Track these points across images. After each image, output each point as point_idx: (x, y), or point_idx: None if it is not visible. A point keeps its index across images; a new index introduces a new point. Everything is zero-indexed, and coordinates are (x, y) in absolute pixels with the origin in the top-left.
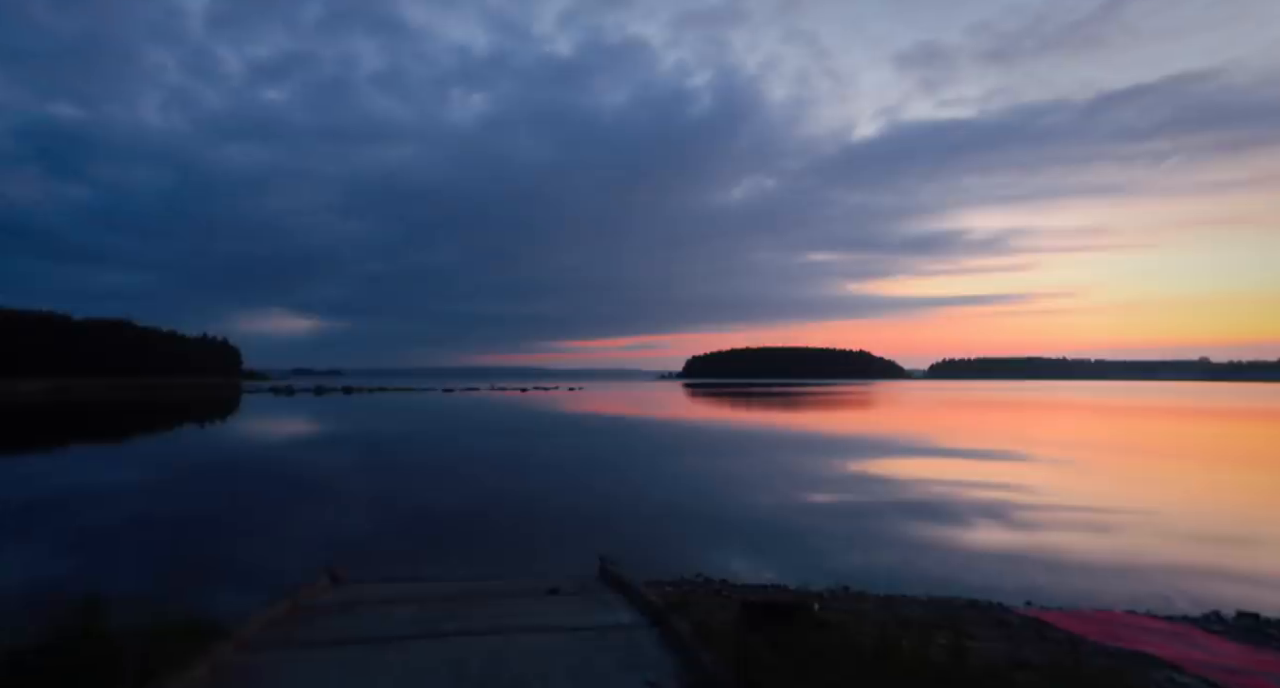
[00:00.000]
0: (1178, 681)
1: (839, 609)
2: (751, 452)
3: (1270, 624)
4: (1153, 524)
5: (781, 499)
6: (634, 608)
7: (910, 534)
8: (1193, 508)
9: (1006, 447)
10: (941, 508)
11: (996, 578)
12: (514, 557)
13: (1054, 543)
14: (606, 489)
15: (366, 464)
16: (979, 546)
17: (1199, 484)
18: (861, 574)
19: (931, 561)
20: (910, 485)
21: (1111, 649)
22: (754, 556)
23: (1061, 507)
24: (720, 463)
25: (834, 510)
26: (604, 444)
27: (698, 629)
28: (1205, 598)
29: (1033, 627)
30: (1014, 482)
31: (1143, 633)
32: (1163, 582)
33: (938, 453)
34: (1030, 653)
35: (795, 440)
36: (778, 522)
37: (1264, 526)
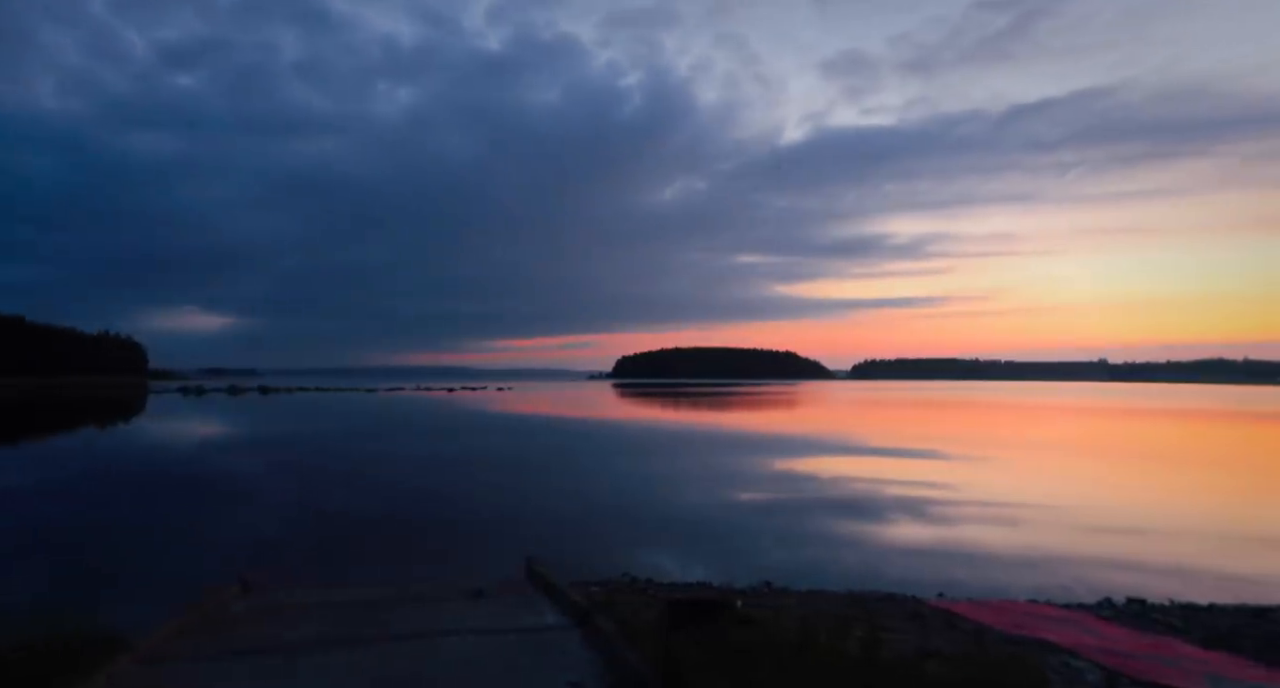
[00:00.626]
0: (1072, 665)
1: (762, 606)
2: (679, 452)
3: (1155, 609)
4: (1056, 518)
5: (708, 498)
6: (559, 609)
7: (832, 531)
8: (1091, 501)
9: (924, 445)
10: (862, 505)
11: (913, 572)
12: (438, 560)
13: (967, 537)
14: (534, 490)
15: (282, 467)
16: (897, 541)
17: (1096, 479)
18: (785, 571)
19: (852, 556)
20: (833, 483)
21: (1015, 637)
22: (680, 555)
23: (974, 502)
24: (648, 463)
25: (759, 509)
26: (531, 445)
27: (622, 629)
28: (1100, 586)
29: (944, 618)
30: (930, 479)
31: (1043, 621)
32: (1063, 572)
33: (859, 451)
34: (940, 643)
35: (722, 440)
36: (704, 521)
37: (1152, 516)
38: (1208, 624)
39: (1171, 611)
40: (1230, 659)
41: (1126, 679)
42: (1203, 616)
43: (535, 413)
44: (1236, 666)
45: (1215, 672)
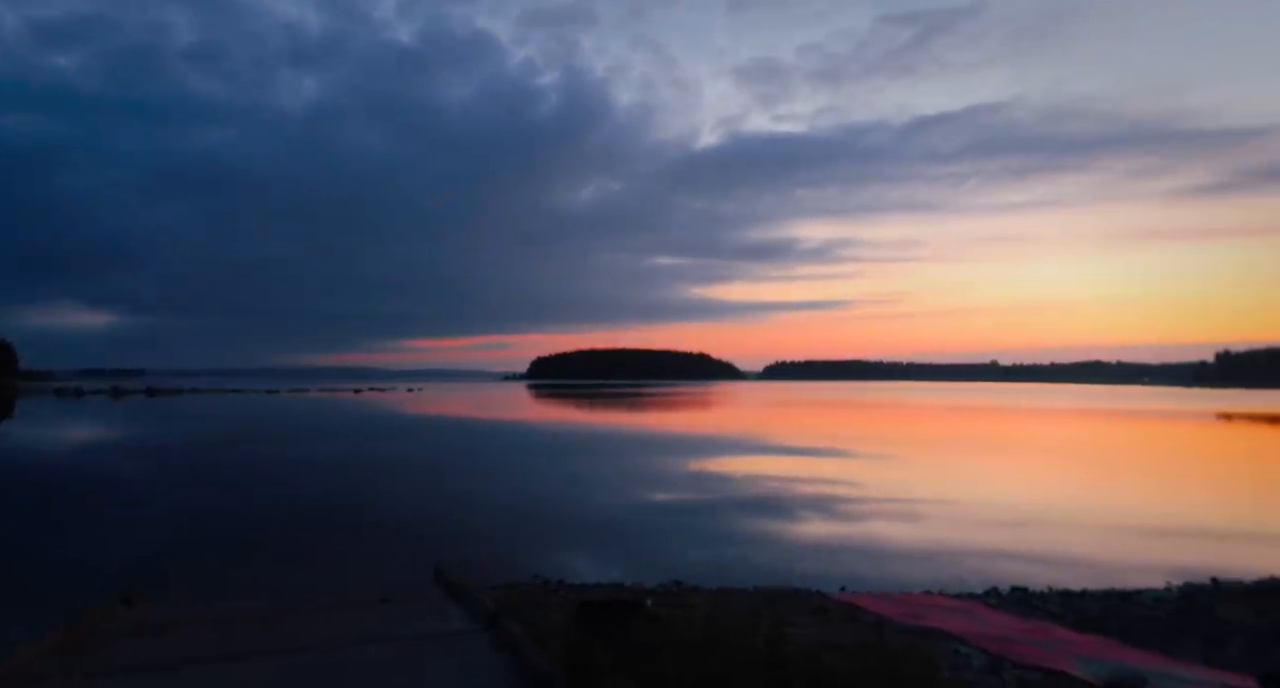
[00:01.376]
0: (961, 651)
1: (671, 605)
2: (592, 453)
3: (1036, 596)
4: (952, 512)
5: (620, 499)
6: (467, 613)
7: (743, 529)
8: (983, 496)
9: (830, 444)
10: (772, 503)
11: (819, 567)
12: (341, 568)
13: (870, 532)
14: (443, 493)
15: (170, 474)
16: (805, 537)
17: (987, 474)
18: (696, 570)
19: (761, 553)
20: (743, 483)
21: (911, 627)
22: (592, 555)
23: (877, 499)
24: (560, 464)
25: (671, 509)
26: (441, 447)
27: (531, 631)
28: (990, 576)
29: (846, 611)
30: (836, 477)
31: (937, 611)
32: (958, 563)
33: (769, 451)
34: (842, 635)
35: (635, 441)
36: (616, 521)
37: (1037, 509)
38: (1081, 609)
39: (1050, 597)
40: (1099, 641)
41: (1008, 663)
42: (1077, 601)
43: (446, 414)
44: (1104, 646)
45: (1085, 653)
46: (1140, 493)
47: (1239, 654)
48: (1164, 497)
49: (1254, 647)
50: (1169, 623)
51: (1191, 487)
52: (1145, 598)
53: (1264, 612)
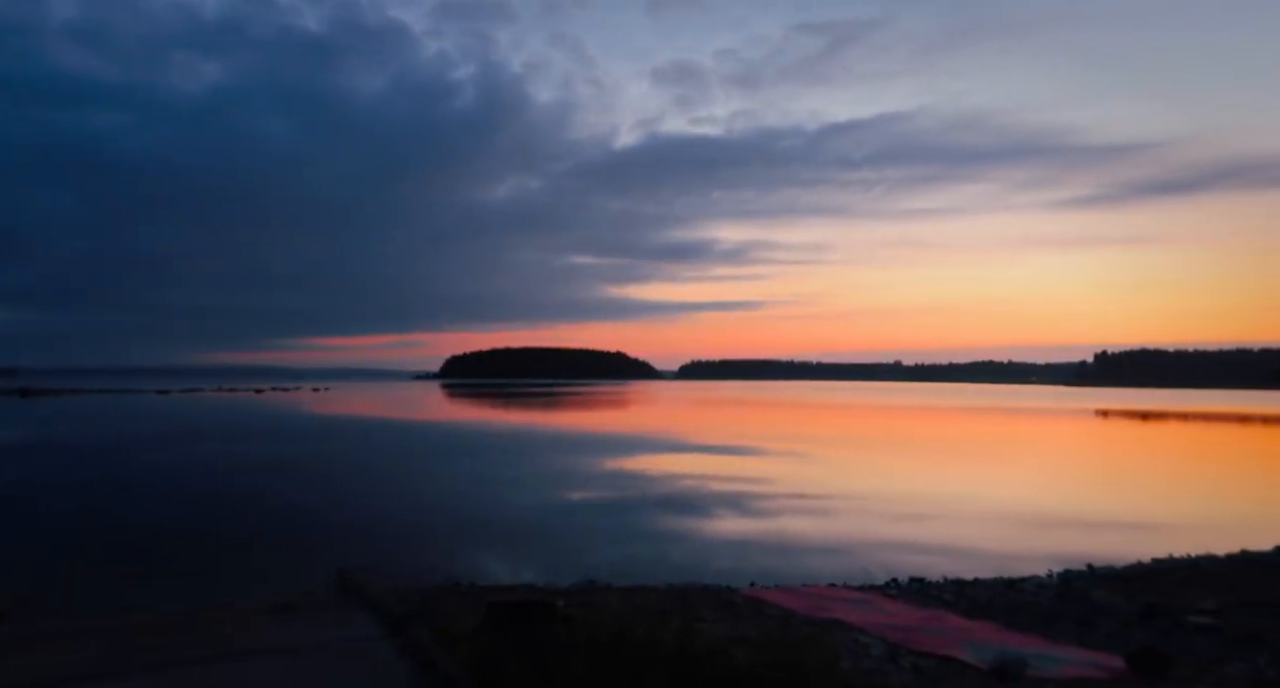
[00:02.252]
0: (861, 641)
1: (584, 604)
2: (506, 453)
3: (932, 586)
4: (858, 507)
5: (535, 499)
6: (373, 619)
7: (656, 527)
8: (886, 491)
9: (743, 442)
10: (685, 501)
11: (730, 563)
12: (239, 576)
13: (780, 528)
14: (350, 496)
15: (48, 480)
16: (717, 534)
17: (891, 470)
18: (609, 568)
19: (674, 551)
20: (658, 481)
21: (816, 619)
22: (505, 557)
23: (787, 495)
24: (474, 465)
25: (585, 508)
26: (349, 448)
27: (440, 635)
28: (892, 567)
29: (754, 606)
30: (749, 474)
31: (840, 603)
32: (863, 556)
33: (684, 449)
34: (749, 629)
35: (551, 440)
36: (530, 522)
37: (935, 502)
38: (972, 597)
39: (945, 587)
40: (987, 626)
41: (905, 650)
42: (969, 589)
43: (354, 414)
44: (991, 632)
45: (974, 639)
46: (1028, 486)
47: (1109, 635)
48: (1049, 489)
49: (1123, 628)
50: (1049, 608)
51: (1072, 479)
52: (1029, 585)
53: (1132, 595)
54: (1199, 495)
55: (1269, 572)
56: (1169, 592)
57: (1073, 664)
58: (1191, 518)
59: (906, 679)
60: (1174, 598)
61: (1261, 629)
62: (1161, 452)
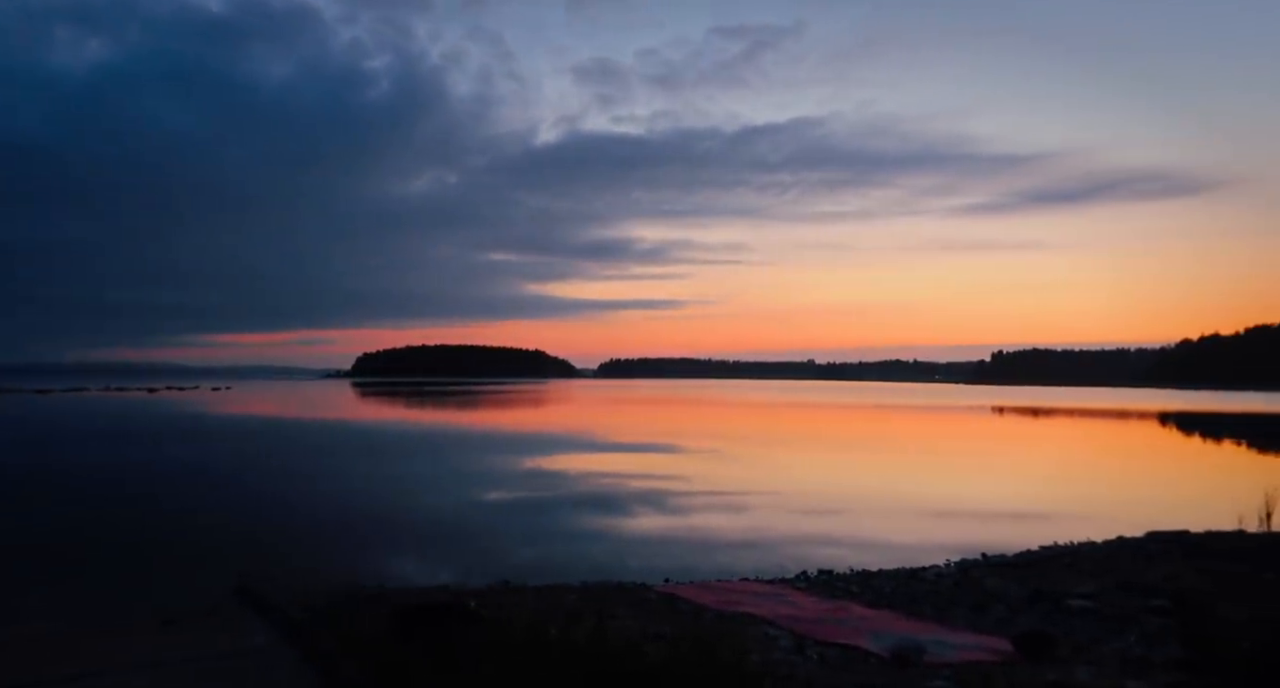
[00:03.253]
0: (770, 634)
1: (497, 605)
2: (420, 452)
3: (839, 578)
4: (773, 502)
5: (449, 500)
6: (273, 628)
7: (573, 526)
8: (799, 485)
9: (661, 440)
10: (603, 499)
11: (646, 560)
12: (127, 588)
13: (696, 524)
14: (253, 501)
15: None
16: (634, 532)
17: (804, 465)
18: (524, 569)
19: (591, 549)
20: (576, 479)
21: (727, 614)
22: (417, 559)
23: (704, 492)
24: (385, 465)
25: (502, 507)
26: (251, 450)
27: (345, 641)
28: (804, 560)
29: (667, 602)
30: (666, 471)
31: (751, 597)
32: (776, 551)
33: (602, 448)
34: (662, 625)
35: (466, 439)
36: (443, 523)
37: (845, 496)
38: (876, 588)
39: (851, 578)
40: (888, 615)
41: (811, 641)
42: (873, 580)
43: (257, 414)
44: (891, 620)
45: (876, 627)
46: (930, 480)
47: (999, 620)
48: (950, 482)
49: (1011, 612)
50: (947, 596)
51: (971, 472)
52: (929, 575)
53: (1021, 581)
54: (1082, 486)
55: (1140, 557)
56: (1053, 577)
57: (966, 648)
58: (1076, 507)
59: (812, 669)
60: (1057, 583)
61: (1133, 610)
62: (1049, 445)
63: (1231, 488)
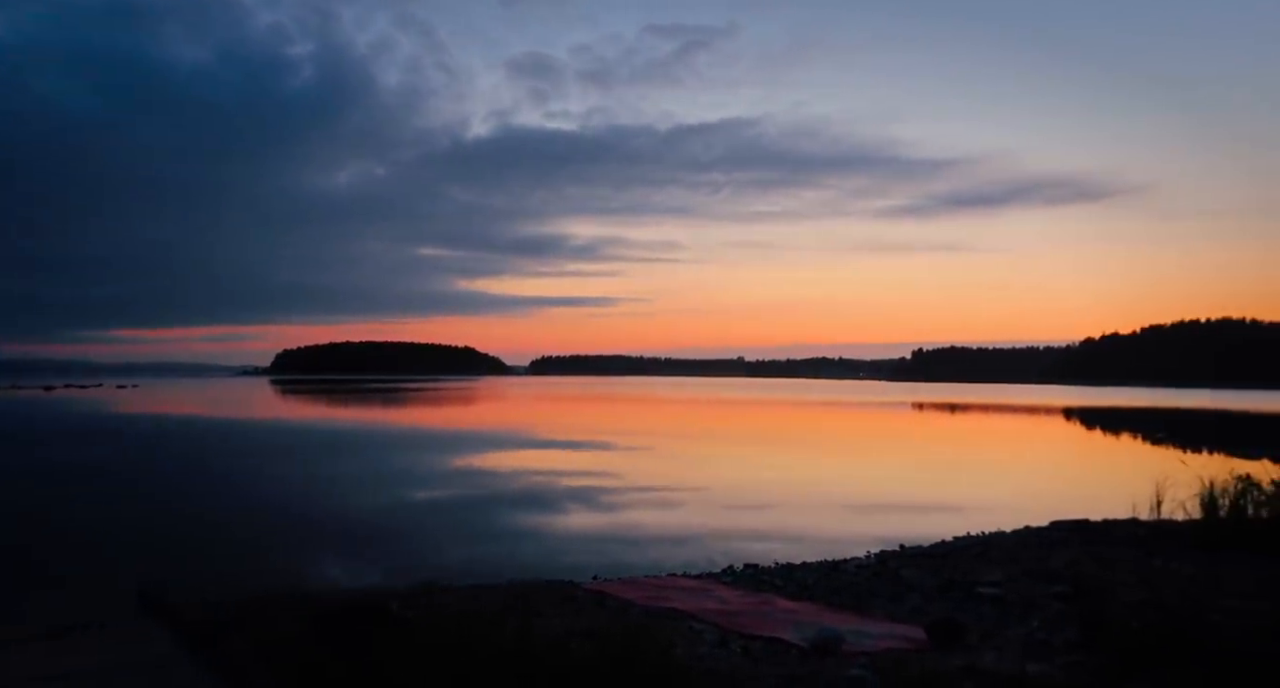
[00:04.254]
0: (695, 628)
1: (421, 607)
2: (344, 452)
3: (764, 572)
4: (704, 498)
5: (374, 500)
6: (177, 636)
7: (502, 524)
8: (729, 481)
9: (592, 437)
10: (533, 496)
11: (575, 557)
12: (18, 598)
13: (627, 520)
14: (161, 504)
15: None
16: (564, 528)
17: (733, 461)
18: (451, 569)
19: (520, 548)
20: (506, 477)
21: (653, 609)
22: (339, 562)
23: (635, 488)
24: (307, 465)
25: (428, 507)
26: (161, 451)
27: (259, 648)
28: (733, 555)
29: (595, 599)
30: (598, 468)
31: (678, 592)
32: (703, 545)
33: (533, 445)
34: (588, 622)
35: (393, 438)
36: (368, 524)
37: (773, 491)
38: (799, 580)
39: (776, 572)
40: (810, 607)
41: (736, 634)
42: (797, 573)
43: (167, 413)
44: (813, 611)
45: (798, 619)
46: (854, 474)
47: (914, 609)
48: (873, 476)
49: (925, 601)
50: (866, 586)
51: (893, 466)
52: (850, 567)
53: (936, 571)
54: (994, 479)
55: (1045, 545)
56: (965, 567)
57: (882, 637)
58: (988, 499)
59: (736, 662)
60: (969, 573)
61: (1037, 597)
62: (965, 440)
63: (1127, 478)
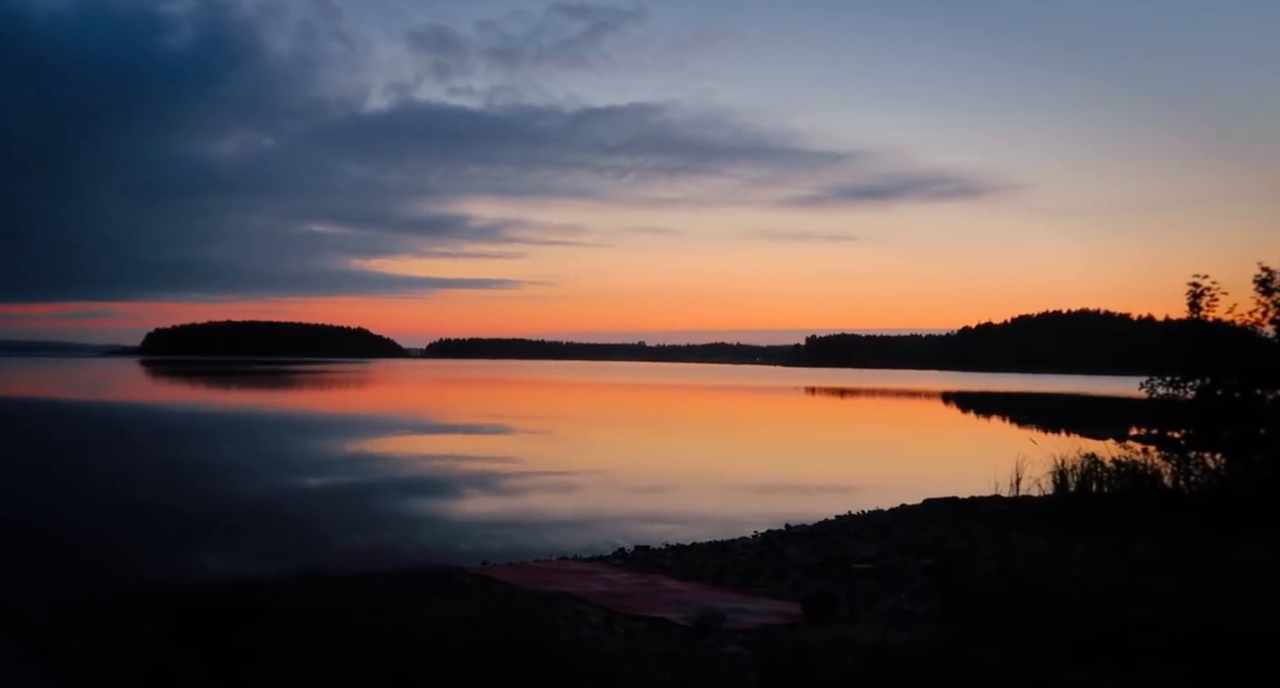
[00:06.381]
0: (581, 611)
1: (296, 598)
2: (222, 437)
3: (654, 553)
4: (597, 481)
5: (253, 488)
6: (16, 638)
7: (390, 511)
8: (625, 464)
9: (491, 421)
10: (424, 482)
11: (467, 543)
12: None
13: (519, 505)
14: (7, 495)
15: None
16: (457, 515)
17: (630, 444)
18: (334, 557)
19: (410, 534)
20: (398, 463)
21: (540, 593)
22: (211, 553)
23: (531, 472)
24: (180, 452)
25: (312, 494)
26: (11, 438)
27: (110, 647)
28: (625, 537)
29: (481, 585)
30: (494, 452)
31: (567, 575)
32: (597, 529)
33: (427, 429)
34: (473, 610)
35: (278, 423)
36: (246, 512)
37: (667, 473)
38: (687, 561)
39: (665, 553)
40: (696, 587)
41: (621, 616)
42: (686, 554)
43: (19, 396)
44: (698, 591)
45: (683, 599)
46: (747, 456)
47: (794, 585)
48: (765, 458)
49: (805, 577)
50: (750, 565)
51: (785, 448)
52: (737, 546)
53: (817, 549)
54: (877, 459)
55: (917, 522)
56: (844, 544)
57: (762, 614)
58: (872, 479)
59: (619, 643)
60: (847, 549)
61: (906, 570)
62: (852, 423)
63: (994, 457)
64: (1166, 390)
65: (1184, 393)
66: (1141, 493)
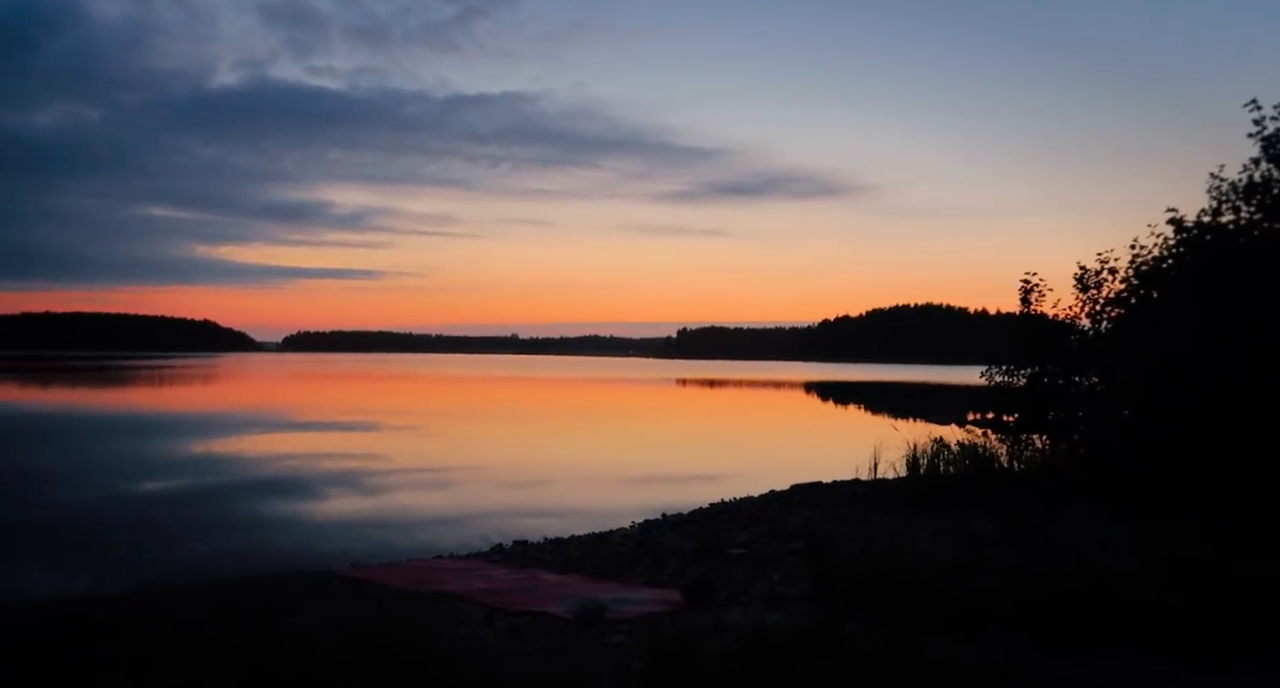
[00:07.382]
0: (461, 609)
1: (142, 613)
2: (45, 440)
3: (533, 548)
4: (469, 477)
5: (86, 494)
6: None
7: (250, 514)
8: (498, 459)
9: (354, 417)
10: (287, 483)
11: (336, 544)
12: None
13: (390, 503)
14: None
15: None
16: (322, 515)
17: (502, 439)
18: (189, 566)
19: (271, 538)
20: (254, 463)
21: (417, 593)
22: (40, 568)
23: (401, 469)
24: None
25: (159, 500)
26: None
27: None
28: (501, 533)
29: (353, 586)
30: (359, 450)
31: (446, 574)
32: (472, 525)
33: (284, 427)
34: (345, 613)
35: (114, 423)
36: (80, 521)
37: (543, 467)
38: (566, 553)
39: (544, 547)
40: (576, 579)
41: (502, 612)
42: (565, 547)
43: None
44: (579, 583)
45: (564, 592)
46: (622, 447)
47: (673, 573)
48: (639, 449)
49: (684, 565)
50: (629, 555)
51: (657, 439)
52: (615, 537)
53: (693, 536)
54: (747, 448)
55: (786, 507)
56: (719, 531)
57: (643, 603)
58: (742, 467)
59: (501, 640)
60: (722, 536)
61: (778, 554)
62: (722, 413)
63: (855, 443)
64: (1002, 378)
65: (1017, 381)
66: (982, 473)
